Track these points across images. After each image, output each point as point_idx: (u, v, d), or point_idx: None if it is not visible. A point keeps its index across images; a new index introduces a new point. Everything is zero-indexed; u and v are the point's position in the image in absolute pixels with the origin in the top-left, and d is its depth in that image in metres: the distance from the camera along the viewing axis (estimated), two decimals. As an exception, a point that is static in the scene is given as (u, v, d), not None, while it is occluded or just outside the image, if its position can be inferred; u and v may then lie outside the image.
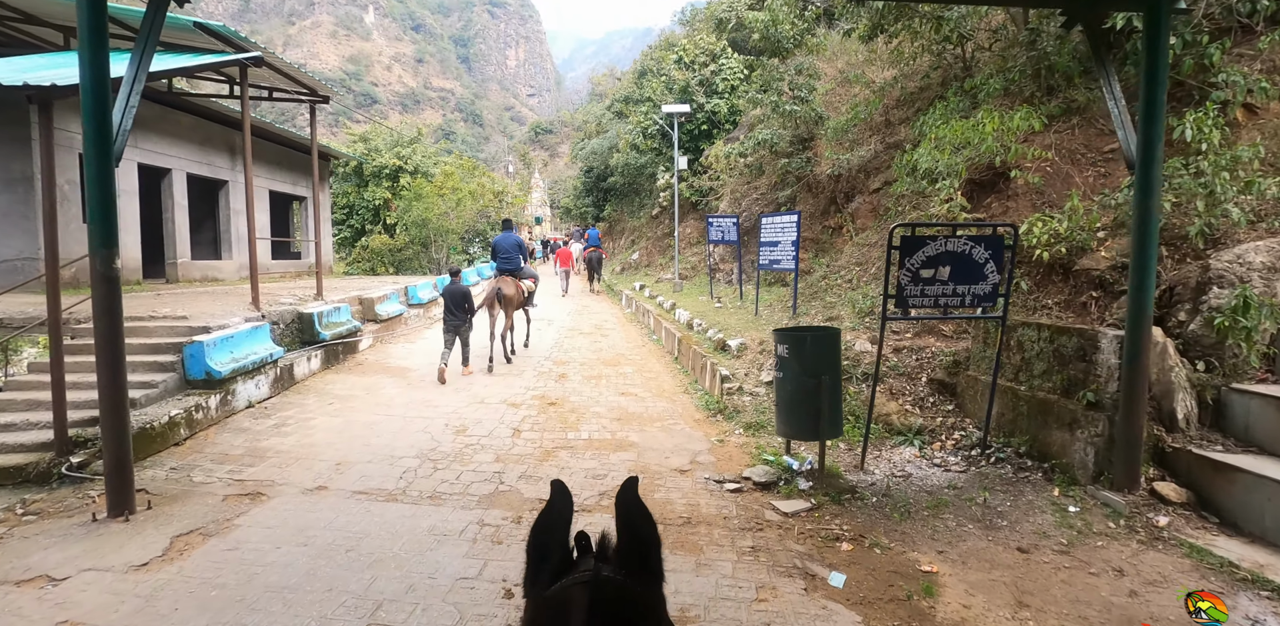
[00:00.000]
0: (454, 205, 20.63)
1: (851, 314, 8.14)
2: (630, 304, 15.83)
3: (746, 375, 7.50)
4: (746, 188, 15.30)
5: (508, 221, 10.79)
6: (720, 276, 15.00)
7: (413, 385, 8.00)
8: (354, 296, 10.56)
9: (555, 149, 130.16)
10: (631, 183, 24.56)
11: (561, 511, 0.77)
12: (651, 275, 19.56)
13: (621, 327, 13.25)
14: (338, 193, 23.45)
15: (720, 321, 9.97)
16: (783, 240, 9.36)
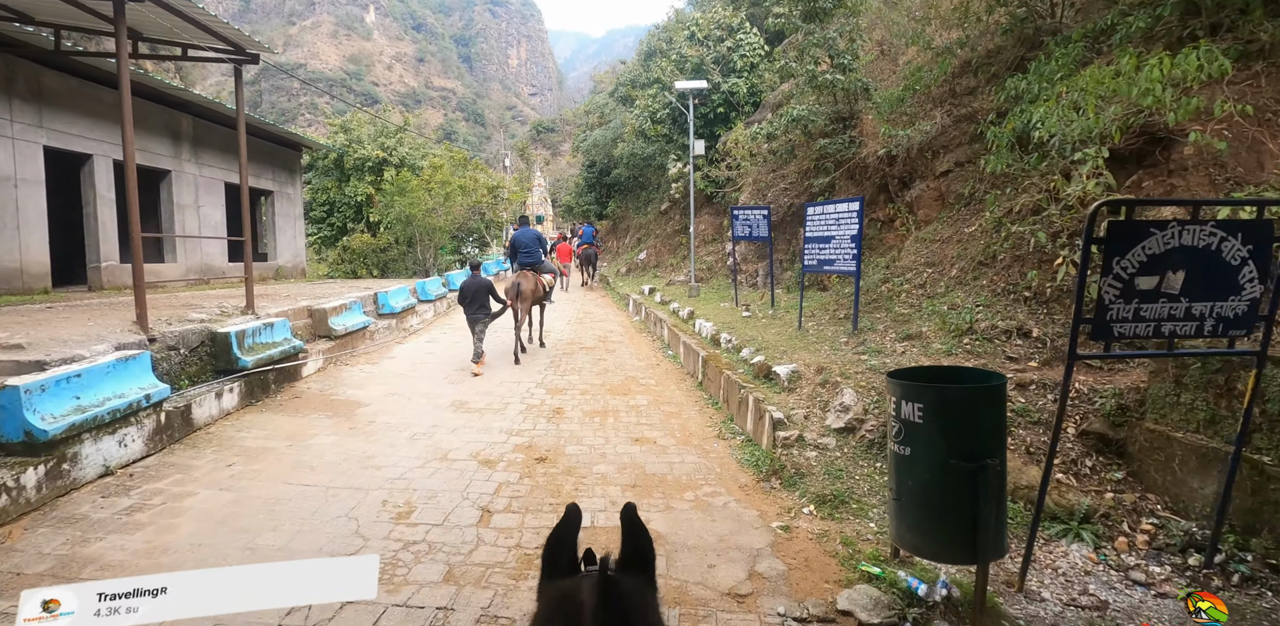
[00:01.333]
0: (442, 200, 18.56)
1: (941, 332, 6.08)
2: (639, 310, 13.79)
3: (807, 418, 5.45)
4: (772, 177, 13.24)
5: (525, 218, 10.68)
6: (743, 278, 12.93)
7: (357, 429, 5.95)
8: (303, 307, 8.54)
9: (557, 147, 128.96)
10: (637, 176, 22.50)
11: (572, 527, 0.88)
12: (661, 277, 17.51)
13: (630, 340, 11.21)
14: (316, 188, 21.46)
15: (755, 337, 7.93)
16: (838, 235, 7.31)
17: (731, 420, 6.41)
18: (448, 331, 11.67)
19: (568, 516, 0.90)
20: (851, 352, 6.55)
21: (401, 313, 11.21)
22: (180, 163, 12.01)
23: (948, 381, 3.38)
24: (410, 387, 7.56)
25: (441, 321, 12.98)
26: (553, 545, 0.86)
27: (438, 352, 9.67)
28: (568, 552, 0.86)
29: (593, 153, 26.90)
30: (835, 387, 5.65)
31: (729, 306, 11.23)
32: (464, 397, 7.19)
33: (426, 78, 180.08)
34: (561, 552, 0.85)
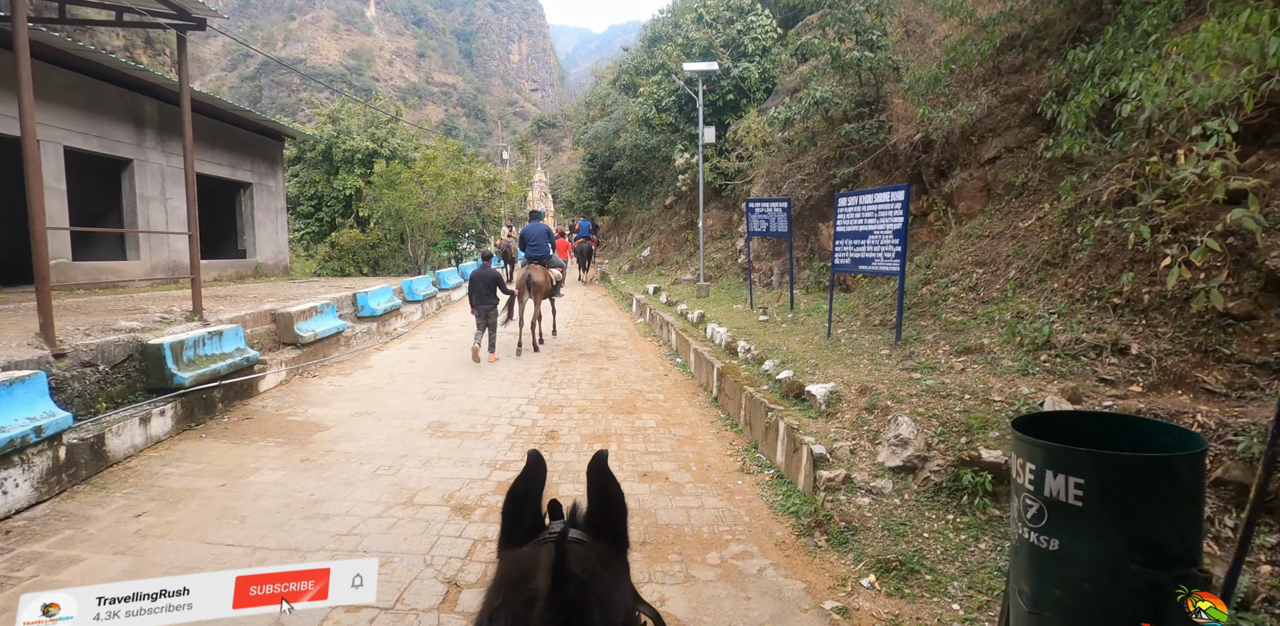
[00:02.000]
0: (435, 194, 17.53)
1: (1008, 346, 5.08)
2: (643, 312, 12.78)
3: (854, 453, 4.45)
4: (788, 167, 12.20)
5: (535, 212, 10.52)
6: (756, 277, 11.92)
7: (311, 461, 4.96)
8: (265, 311, 7.53)
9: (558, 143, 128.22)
10: (640, 169, 21.44)
11: (536, 479, 0.82)
12: (666, 275, 16.48)
13: (634, 345, 10.21)
14: (304, 181, 20.43)
15: (778, 346, 6.95)
16: (876, 230, 6.30)
17: (756, 447, 5.42)
18: (435, 335, 10.66)
19: (530, 466, 0.83)
20: (898, 368, 5.53)
21: (384, 315, 10.21)
22: (144, 151, 10.99)
23: (1098, 433, 2.35)
24: (383, 405, 6.56)
25: (430, 324, 11.98)
26: (513, 500, 0.81)
27: (420, 361, 8.66)
28: (531, 508, 0.81)
29: (593, 145, 25.80)
30: (886, 414, 4.64)
31: (743, 309, 10.21)
32: (443, 417, 6.19)
33: (427, 73, 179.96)
34: (524, 508, 0.81)
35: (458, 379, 7.71)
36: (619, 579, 0.76)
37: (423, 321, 12.04)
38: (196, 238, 6.49)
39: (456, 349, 9.53)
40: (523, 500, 0.82)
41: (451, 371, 8.11)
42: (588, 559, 0.73)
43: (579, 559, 0.71)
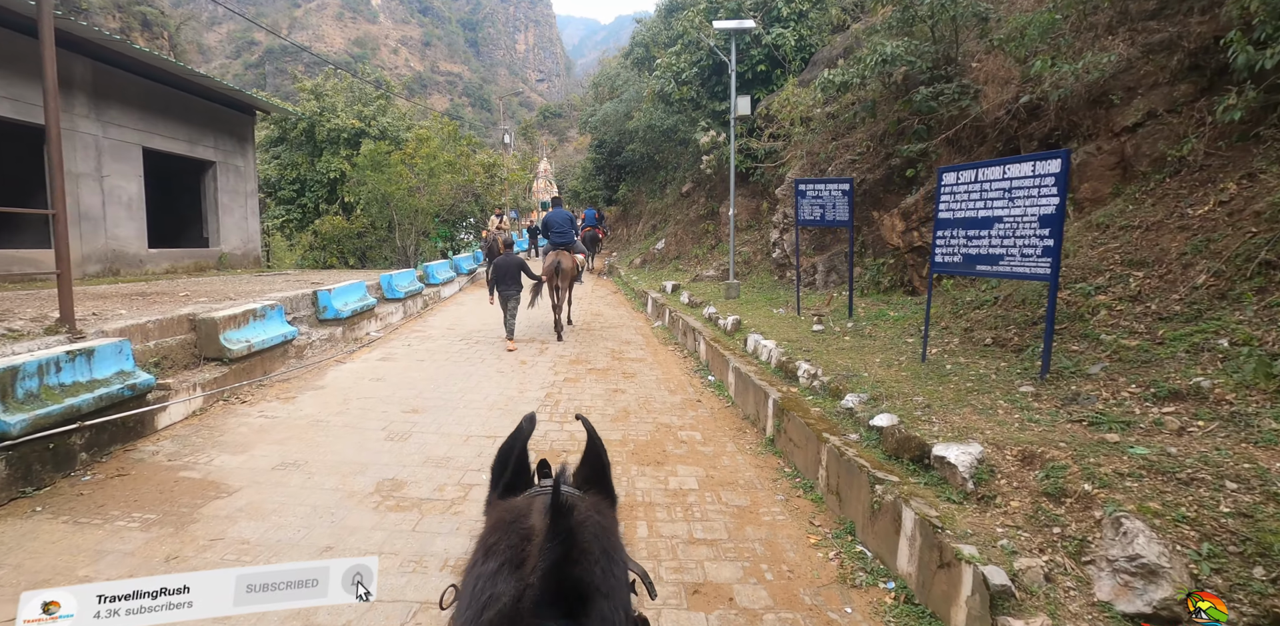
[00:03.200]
0: (426, 178, 15.68)
1: (1255, 393, 3.24)
2: (661, 313, 10.98)
3: (1050, 581, 2.70)
4: (833, 146, 10.34)
5: (557, 199, 10.55)
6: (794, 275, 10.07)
7: (180, 560, 3.16)
8: (181, 317, 5.74)
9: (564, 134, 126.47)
10: (654, 153, 19.54)
11: (523, 437, 0.84)
12: (685, 271, 14.64)
13: (654, 356, 8.46)
14: (285, 163, 18.59)
15: (855, 370, 5.20)
16: (1011, 216, 4.50)
17: (853, 533, 3.62)
18: (414, 343, 8.86)
19: (523, 425, 0.85)
20: (1065, 420, 3.74)
21: (352, 318, 8.44)
22: (72, 119, 9.18)
23: None
24: (321, 449, 4.79)
25: (411, 327, 10.18)
26: (504, 453, 0.84)
27: (389, 378, 6.88)
28: (518, 461, 0.83)
29: (602, 130, 23.86)
30: (1089, 508, 2.86)
31: (786, 314, 8.41)
32: (401, 472, 4.42)
33: (433, 62, 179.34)
34: (513, 461, 0.82)
35: (432, 405, 5.93)
36: (611, 526, 0.76)
37: (404, 323, 10.25)
38: (64, 218, 4.68)
39: (438, 360, 7.75)
40: (512, 454, 0.83)
41: (426, 392, 6.33)
42: (582, 504, 0.73)
43: (574, 504, 0.70)
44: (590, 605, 0.60)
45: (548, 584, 0.59)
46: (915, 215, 8.12)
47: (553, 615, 0.58)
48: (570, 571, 0.60)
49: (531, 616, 0.58)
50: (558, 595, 0.59)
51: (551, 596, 0.59)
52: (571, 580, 0.60)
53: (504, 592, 0.60)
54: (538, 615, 0.58)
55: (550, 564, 0.60)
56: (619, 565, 0.71)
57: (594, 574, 0.63)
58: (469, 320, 10.75)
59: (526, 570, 0.61)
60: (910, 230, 8.25)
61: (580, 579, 0.61)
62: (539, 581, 0.59)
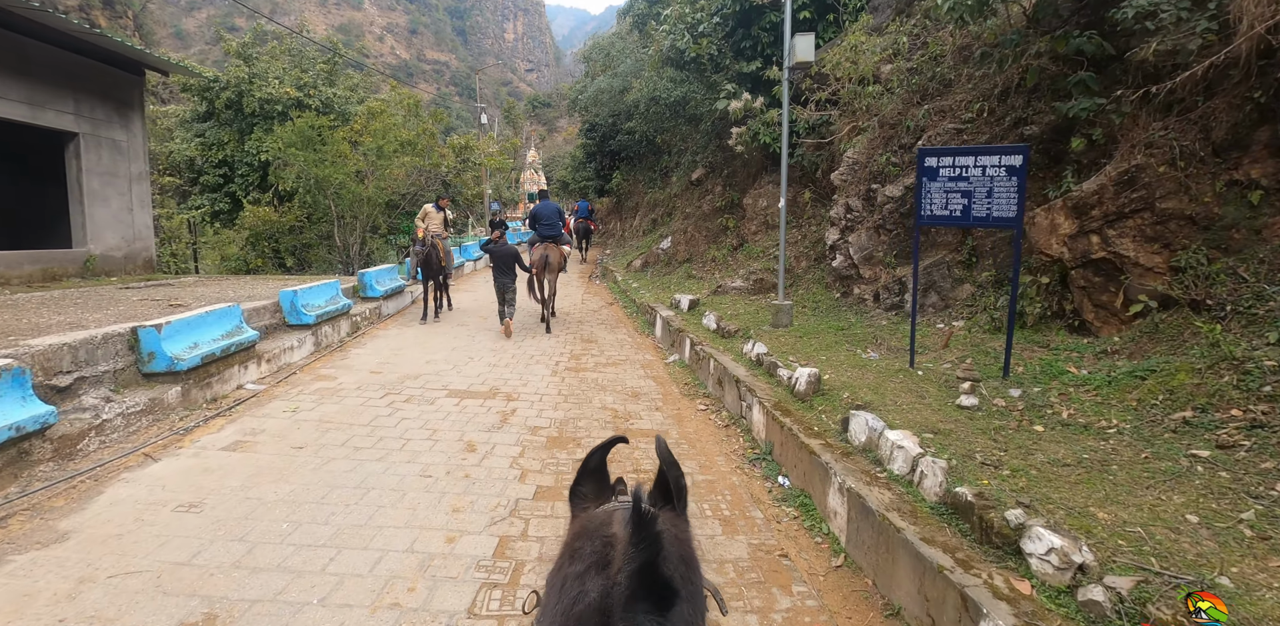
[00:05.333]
0: (375, 159, 12.41)
1: None
2: (676, 342, 7.94)
3: None
4: (925, 112, 7.25)
5: (544, 192, 10.26)
6: (865, 293, 7.04)
7: None
8: None
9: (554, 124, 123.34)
10: (654, 134, 16.34)
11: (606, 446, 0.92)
12: (701, 279, 11.51)
13: (678, 425, 5.60)
14: (210, 142, 15.16)
15: (1140, 531, 1.94)
16: None
17: None
18: (307, 404, 5.71)
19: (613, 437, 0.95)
20: None
21: (205, 366, 5.31)
22: None
23: None
24: None
25: (319, 370, 6.99)
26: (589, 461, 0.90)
27: (211, 509, 3.72)
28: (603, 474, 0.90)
29: (593, 110, 20.64)
30: None
31: (882, 361, 5.42)
32: None
33: (419, 50, 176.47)
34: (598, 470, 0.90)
35: (259, 598, 2.79)
36: (688, 539, 0.79)
37: (310, 363, 7.05)
38: None
39: (329, 450, 4.62)
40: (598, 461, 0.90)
41: (270, 539, 3.21)
42: (661, 517, 0.72)
43: (655, 515, 0.70)
44: (673, 604, 0.62)
45: (634, 581, 0.61)
46: (1097, 210, 5.04)
47: (641, 610, 0.60)
48: (655, 572, 0.62)
49: (621, 610, 0.60)
50: (644, 592, 0.61)
51: (638, 593, 0.61)
52: (656, 579, 0.62)
53: (592, 590, 0.64)
54: (627, 609, 0.60)
55: (637, 565, 0.62)
56: (697, 573, 0.74)
57: (675, 577, 0.65)
58: (410, 355, 7.58)
59: (613, 570, 0.64)
60: (1085, 234, 5.18)
61: (665, 578, 0.63)
62: (626, 579, 0.62)
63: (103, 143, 9.74)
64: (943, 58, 7.65)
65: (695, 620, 0.66)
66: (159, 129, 16.27)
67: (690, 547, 0.78)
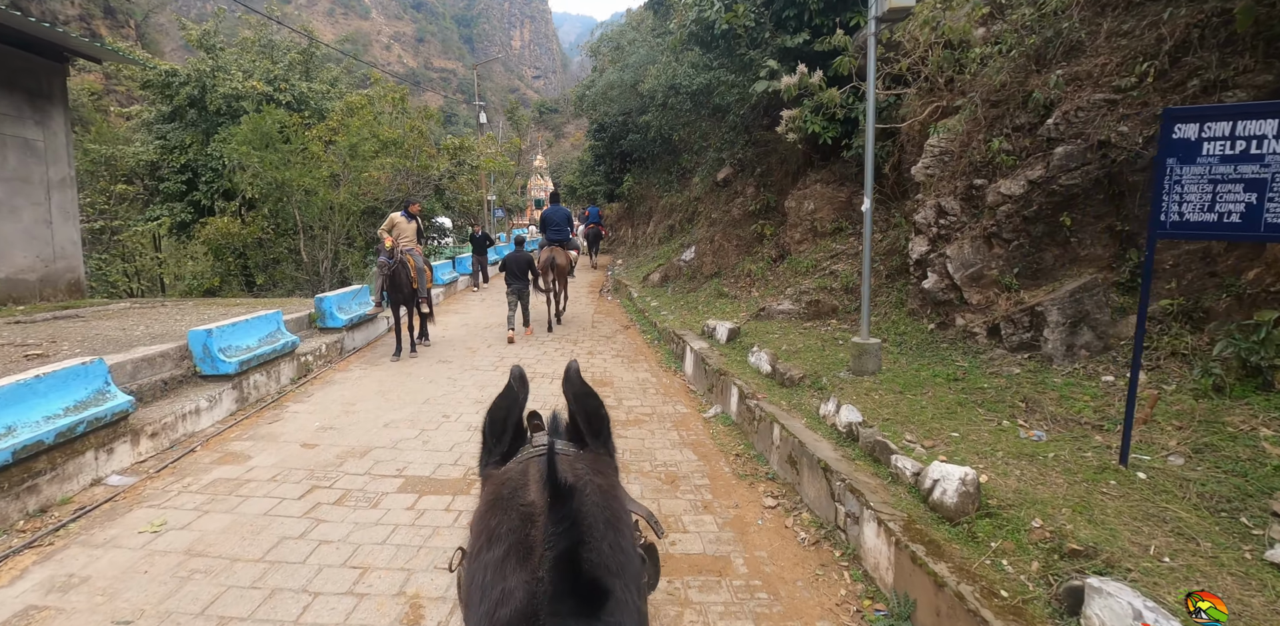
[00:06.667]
0: (348, 159, 10.61)
1: None
2: (718, 389, 6.06)
3: None
4: (1056, 78, 5.31)
5: (555, 195, 10.46)
6: (967, 323, 5.10)
7: None
8: None
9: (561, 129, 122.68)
10: (671, 131, 14.42)
11: (517, 395, 0.81)
12: (735, 298, 9.60)
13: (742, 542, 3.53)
14: (172, 145, 13.39)
15: None
16: None
17: None
18: (178, 517, 3.81)
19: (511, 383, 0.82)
20: None
21: (25, 463, 3.38)
22: None
23: None
24: None
25: (231, 444, 5.15)
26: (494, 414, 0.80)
27: None
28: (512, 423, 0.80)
29: (602, 107, 18.82)
30: None
31: (1046, 440, 3.45)
32: None
33: (426, 58, 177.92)
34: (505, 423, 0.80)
35: None
36: (613, 485, 0.74)
37: (224, 432, 5.18)
38: None
39: (185, 617, 2.69)
40: (504, 417, 0.80)
41: None
42: (579, 468, 0.71)
43: (571, 469, 0.68)
44: (604, 592, 0.57)
45: (558, 576, 0.56)
46: None
47: (569, 611, 0.55)
48: (579, 557, 0.57)
49: (548, 616, 0.55)
50: (570, 587, 0.56)
51: (565, 589, 0.55)
52: (582, 567, 0.57)
53: (515, 588, 0.59)
54: (554, 613, 0.55)
55: (559, 553, 0.56)
56: (625, 532, 0.68)
57: (603, 553, 0.61)
58: (366, 414, 5.73)
59: (535, 560, 0.59)
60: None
61: (590, 564, 0.58)
62: (549, 574, 0.56)
63: (8, 142, 7.99)
64: (1066, 11, 5.73)
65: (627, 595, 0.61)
66: (119, 132, 14.64)
67: (616, 495, 0.71)
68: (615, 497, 0.71)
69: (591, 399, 0.80)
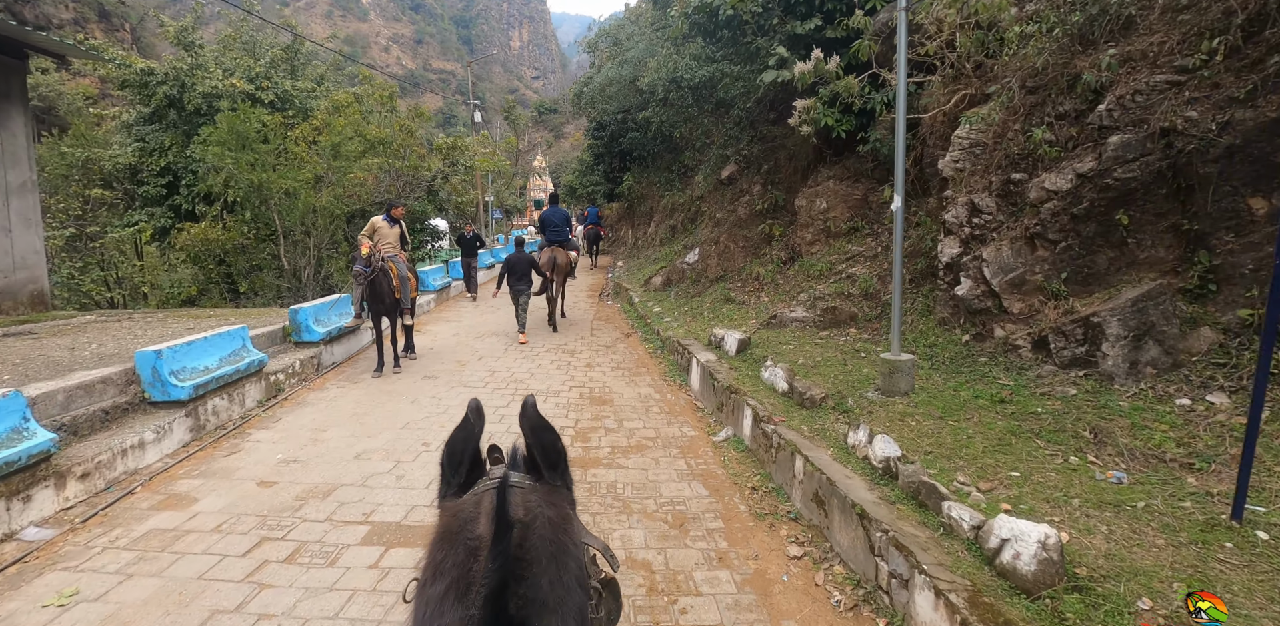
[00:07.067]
0: (331, 160, 10.04)
1: None
2: (728, 406, 5.49)
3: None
4: (1109, 59, 4.69)
5: (555, 196, 10.48)
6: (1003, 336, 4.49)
7: None
8: None
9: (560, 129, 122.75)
10: (672, 127, 13.82)
11: (474, 427, 0.82)
12: (742, 303, 9.00)
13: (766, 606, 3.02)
14: (151, 147, 12.81)
15: None
16: None
17: None
18: (127, 579, 3.24)
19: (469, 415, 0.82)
20: None
21: None
22: None
23: None
24: None
25: (177, 485, 4.60)
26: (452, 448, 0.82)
27: None
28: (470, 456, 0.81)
29: (601, 104, 18.18)
30: None
31: (1127, 484, 2.82)
32: None
33: (425, 60, 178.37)
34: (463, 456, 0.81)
35: None
36: (565, 519, 0.74)
37: (171, 468, 4.62)
38: None
39: None
40: (461, 446, 0.81)
41: None
42: (531, 501, 0.71)
43: (522, 502, 0.69)
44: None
45: (488, 613, 0.57)
46: None
47: None
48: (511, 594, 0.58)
49: None
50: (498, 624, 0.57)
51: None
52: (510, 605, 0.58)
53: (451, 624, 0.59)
54: None
55: (492, 589, 0.57)
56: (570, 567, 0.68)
57: (540, 589, 0.61)
58: (336, 442, 5.17)
59: (472, 596, 0.59)
60: None
61: (523, 601, 0.59)
62: (480, 612, 0.57)
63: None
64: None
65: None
66: (97, 135, 14.08)
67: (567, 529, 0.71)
68: (566, 531, 0.71)
69: (548, 432, 0.81)
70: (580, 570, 0.70)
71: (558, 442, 0.82)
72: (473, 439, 0.80)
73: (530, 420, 0.81)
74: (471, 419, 0.81)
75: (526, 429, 0.81)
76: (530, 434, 0.80)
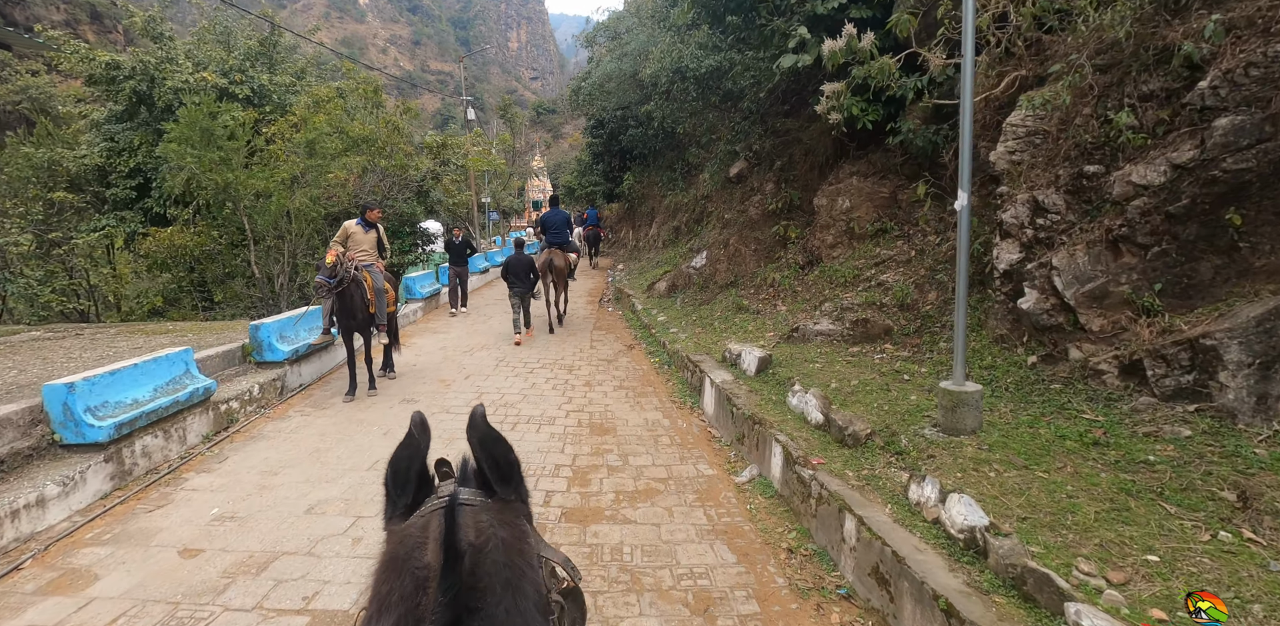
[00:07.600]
0: (306, 157, 9.24)
1: None
2: (750, 439, 4.75)
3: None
4: (1217, 32, 3.87)
5: (555, 198, 10.62)
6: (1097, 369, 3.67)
7: None
8: None
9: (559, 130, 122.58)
10: (676, 122, 13.00)
11: (419, 443, 0.77)
12: (757, 313, 8.20)
13: None
14: (120, 147, 11.98)
15: None
16: None
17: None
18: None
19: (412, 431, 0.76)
20: None
21: None
22: None
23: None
24: None
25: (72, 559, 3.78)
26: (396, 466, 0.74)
27: None
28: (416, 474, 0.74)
29: (600, 100, 17.38)
30: None
31: None
32: None
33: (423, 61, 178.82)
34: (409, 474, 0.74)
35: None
36: (520, 537, 0.69)
37: (77, 530, 3.84)
38: None
39: None
40: (406, 464, 0.74)
41: None
42: (483, 521, 0.66)
43: (474, 523, 0.65)
44: None
45: None
46: None
47: None
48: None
49: None
50: None
51: None
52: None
53: None
54: None
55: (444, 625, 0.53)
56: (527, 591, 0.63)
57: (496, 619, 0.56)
58: (287, 490, 4.40)
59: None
60: None
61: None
62: None
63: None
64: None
65: None
66: (64, 135, 13.28)
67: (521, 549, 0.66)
68: (520, 552, 0.66)
69: (499, 444, 0.76)
70: (539, 595, 0.65)
71: (510, 454, 0.75)
72: (419, 455, 0.74)
73: (478, 431, 0.75)
74: (416, 433, 0.75)
75: (474, 441, 0.75)
76: (479, 447, 0.75)
